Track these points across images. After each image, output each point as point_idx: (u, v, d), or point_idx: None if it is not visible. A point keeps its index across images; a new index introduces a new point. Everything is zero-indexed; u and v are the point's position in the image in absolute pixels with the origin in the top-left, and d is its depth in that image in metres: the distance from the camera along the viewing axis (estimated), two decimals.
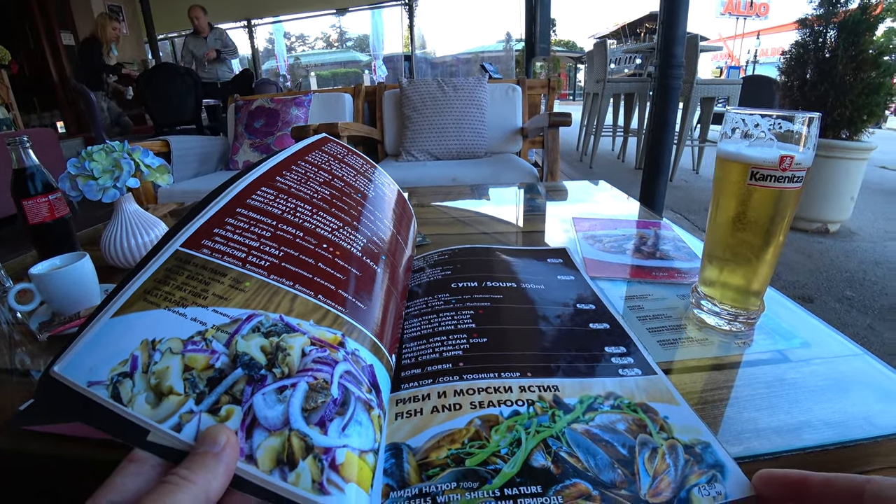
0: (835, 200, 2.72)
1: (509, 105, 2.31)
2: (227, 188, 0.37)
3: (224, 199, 0.35)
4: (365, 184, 0.47)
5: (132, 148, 0.78)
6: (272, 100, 2.35)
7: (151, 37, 6.75)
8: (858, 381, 0.40)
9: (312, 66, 15.78)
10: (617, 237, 0.68)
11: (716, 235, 0.45)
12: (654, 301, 0.51)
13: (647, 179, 2.32)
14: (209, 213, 0.34)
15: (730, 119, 0.42)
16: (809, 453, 0.33)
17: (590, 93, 4.91)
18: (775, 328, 0.47)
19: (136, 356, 0.25)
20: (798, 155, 0.39)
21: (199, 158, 2.33)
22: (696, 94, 3.84)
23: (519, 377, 0.35)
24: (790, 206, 0.41)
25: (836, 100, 2.63)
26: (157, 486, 0.20)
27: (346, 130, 1.79)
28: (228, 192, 0.36)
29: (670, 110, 2.25)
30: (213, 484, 0.21)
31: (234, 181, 0.37)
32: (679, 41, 2.19)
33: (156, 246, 0.31)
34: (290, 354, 0.27)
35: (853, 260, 2.40)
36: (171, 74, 3.84)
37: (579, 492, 0.26)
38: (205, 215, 0.33)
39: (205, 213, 0.34)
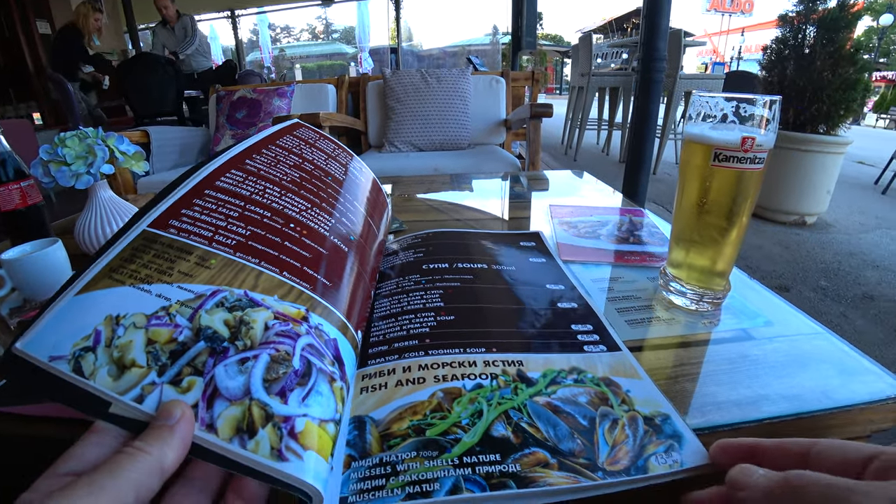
0: (812, 193, 2.78)
1: (493, 97, 2.31)
2: (196, 171, 0.37)
3: (193, 181, 0.36)
4: (336, 167, 0.47)
5: (106, 134, 0.77)
6: (254, 90, 2.32)
7: (131, 26, 6.63)
8: (818, 357, 0.41)
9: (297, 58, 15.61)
10: (592, 223, 0.69)
11: (682, 218, 0.46)
12: (624, 283, 0.52)
13: (629, 172, 2.35)
14: (178, 195, 0.34)
15: (696, 102, 0.43)
16: (766, 424, 0.34)
17: (575, 86, 4.94)
18: (741, 308, 0.48)
19: (99, 331, 0.25)
20: (759, 136, 0.40)
21: (179, 149, 2.29)
22: (679, 89, 3.88)
23: (484, 352, 0.35)
24: (753, 188, 0.42)
25: (814, 95, 2.68)
26: (113, 455, 0.21)
27: (328, 121, 1.78)
28: (197, 174, 0.37)
29: (653, 104, 2.28)
30: (168, 455, 0.21)
31: (204, 164, 0.38)
32: (662, 35, 2.21)
33: (124, 226, 0.31)
34: (253, 328, 0.27)
35: (829, 251, 2.46)
36: (151, 65, 3.77)
37: (537, 459, 0.27)
38: (173, 196, 0.34)
39: (173, 194, 0.34)
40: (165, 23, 4.64)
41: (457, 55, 13.83)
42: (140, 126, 3.56)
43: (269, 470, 0.22)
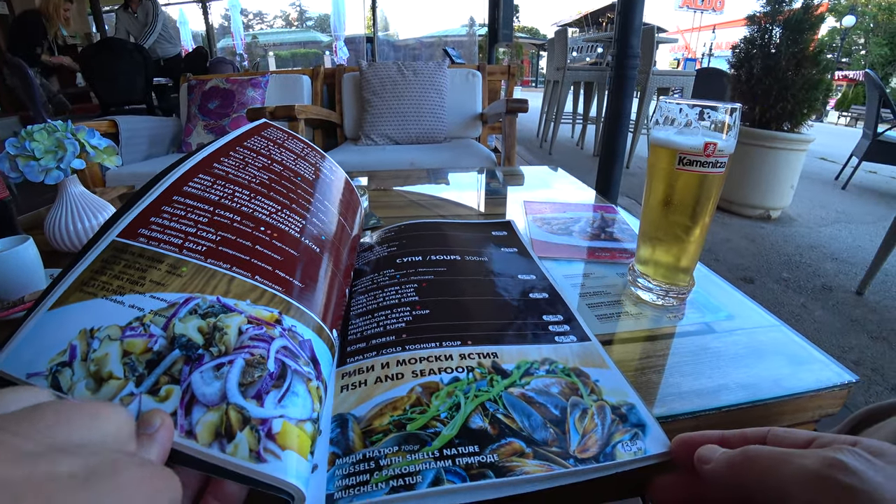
0: (776, 188, 2.88)
1: (469, 90, 2.32)
2: (164, 176, 0.37)
3: (160, 187, 0.36)
4: (305, 167, 0.48)
5: (77, 128, 0.75)
6: (227, 80, 2.27)
7: (96, 9, 6.37)
8: (773, 349, 0.44)
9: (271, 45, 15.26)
10: (565, 220, 0.71)
11: (649, 216, 0.48)
12: (594, 279, 0.55)
13: (603, 166, 2.39)
14: (145, 203, 0.34)
15: (662, 108, 0.45)
16: (724, 412, 0.37)
17: (550, 80, 4.97)
18: (704, 303, 0.51)
19: (74, 346, 0.25)
20: (721, 142, 0.42)
21: (149, 140, 2.23)
22: (652, 85, 3.95)
23: (459, 346, 0.36)
24: (714, 190, 0.44)
25: (779, 94, 2.77)
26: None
27: (303, 113, 1.76)
28: (165, 180, 0.36)
29: (626, 99, 2.32)
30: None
31: (171, 169, 0.38)
32: (636, 32, 2.25)
33: (93, 237, 0.31)
34: (227, 333, 0.28)
35: (791, 244, 2.56)
36: (118, 50, 3.63)
37: (513, 450, 0.28)
38: (141, 204, 0.34)
39: (141, 202, 0.34)
40: (127, 6, 4.43)
41: (433, 46, 13.75)
42: (106, 115, 3.44)
43: (250, 472, 0.23)
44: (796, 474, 0.21)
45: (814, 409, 0.40)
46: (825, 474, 0.20)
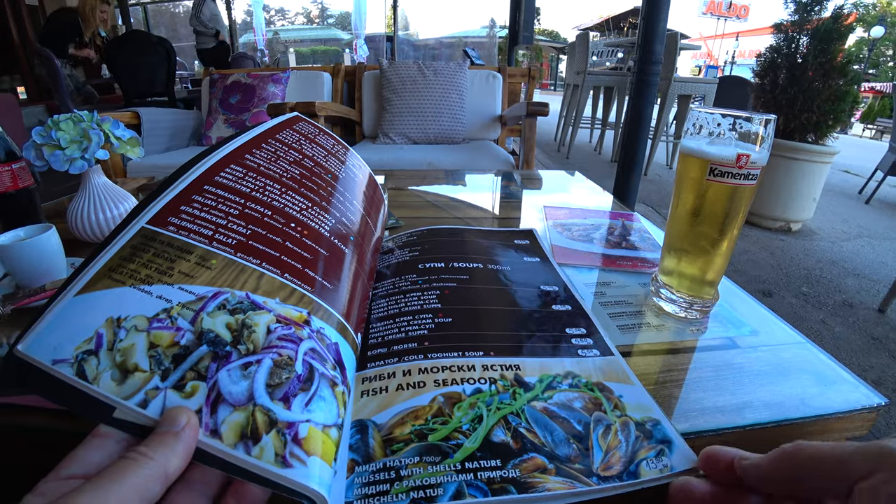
0: (798, 201, 2.83)
1: (489, 92, 2.32)
2: (195, 164, 0.36)
3: (191, 175, 0.35)
4: (335, 164, 0.47)
5: (102, 118, 0.76)
6: (249, 75, 2.29)
7: (122, 2, 6.48)
8: (798, 366, 0.43)
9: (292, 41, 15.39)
10: (586, 226, 0.70)
11: (675, 227, 0.47)
12: (616, 288, 0.54)
13: (621, 172, 2.37)
14: (176, 190, 0.33)
15: (693, 117, 0.44)
16: (748, 430, 0.36)
17: (570, 84, 4.95)
18: (728, 317, 0.50)
19: (100, 334, 0.25)
20: (754, 154, 0.41)
21: (170, 132, 2.26)
22: (673, 91, 3.91)
23: (482, 356, 0.36)
24: (745, 202, 0.43)
25: (804, 104, 2.72)
26: (118, 461, 0.21)
27: (323, 110, 1.77)
28: (196, 168, 0.36)
29: (646, 106, 2.29)
30: (173, 461, 0.21)
31: (202, 157, 0.37)
32: (659, 38, 2.22)
33: (122, 223, 0.31)
34: (256, 332, 0.27)
35: (812, 258, 2.51)
36: (142, 43, 3.69)
37: (536, 465, 0.28)
38: (171, 192, 0.33)
39: (172, 189, 0.33)
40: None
41: (453, 46, 13.75)
42: (130, 106, 3.50)
43: (275, 476, 0.22)
44: (856, 449, 0.22)
45: (840, 430, 0.39)
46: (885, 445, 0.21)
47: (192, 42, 5.35)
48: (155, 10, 11.72)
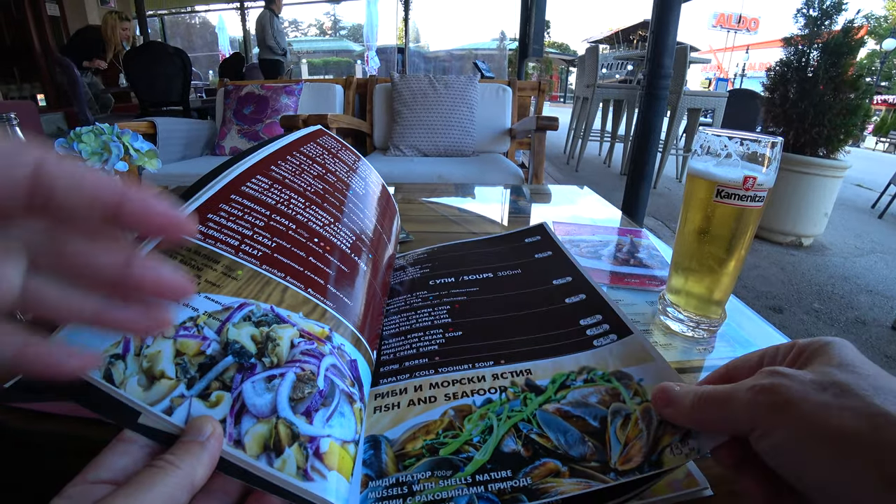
0: (809, 215, 2.81)
1: (499, 105, 2.34)
2: (221, 173, 0.36)
3: (218, 184, 0.35)
4: (356, 180, 0.48)
5: (122, 131, 0.78)
6: (262, 86, 2.33)
7: (140, 13, 6.63)
8: None
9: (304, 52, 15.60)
10: (594, 243, 0.71)
11: (683, 246, 0.48)
12: (624, 306, 0.54)
13: (630, 185, 2.37)
14: (203, 198, 0.33)
15: (700, 138, 0.45)
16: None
17: (580, 97, 4.97)
18: (735, 336, 0.50)
19: (128, 338, 0.25)
20: (761, 176, 0.41)
21: (184, 142, 2.30)
22: (682, 105, 3.91)
23: (493, 365, 0.36)
24: (752, 223, 0.44)
25: (815, 118, 2.71)
26: (146, 468, 0.21)
27: (335, 122, 1.79)
28: (223, 177, 0.36)
29: (656, 119, 2.30)
30: (198, 471, 0.22)
31: (227, 166, 0.37)
32: (668, 52, 2.23)
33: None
34: (280, 345, 0.28)
35: (823, 274, 2.49)
36: (159, 54, 3.77)
37: (548, 470, 0.27)
38: (199, 199, 0.33)
39: (199, 196, 0.33)
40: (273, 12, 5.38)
41: (463, 59, 13.86)
42: (145, 114, 3.57)
43: (296, 489, 0.23)
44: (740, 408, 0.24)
45: None
46: (754, 401, 0.24)
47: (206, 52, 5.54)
48: (172, 20, 11.96)
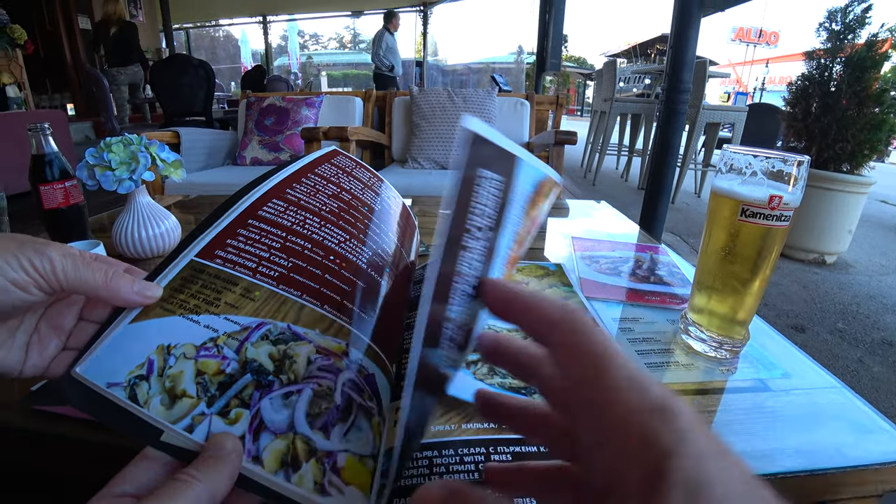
0: (832, 232, 2.75)
1: (517, 119, 2.34)
2: (240, 198, 0.38)
3: (237, 210, 0.36)
4: (372, 197, 0.49)
5: (149, 142, 0.80)
6: (284, 98, 2.37)
7: (167, 26, 6.82)
8: (834, 413, 0.42)
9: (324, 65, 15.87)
10: (614, 259, 0.71)
11: (706, 265, 0.47)
12: (644, 324, 0.54)
13: (648, 200, 2.35)
14: (222, 224, 0.35)
15: (725, 156, 0.45)
16: (780, 478, 0.35)
17: (597, 111, 4.96)
18: (759, 358, 0.49)
19: (151, 360, 0.26)
20: (786, 195, 0.41)
21: (207, 151, 2.35)
22: (701, 119, 3.88)
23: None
24: (777, 243, 0.43)
25: (838, 133, 2.66)
26: (169, 482, 0.22)
27: (355, 135, 1.82)
28: (241, 203, 0.37)
29: (675, 134, 2.28)
30: (220, 485, 0.22)
31: (247, 191, 0.39)
32: (687, 66, 2.22)
33: (171, 254, 0.32)
34: (297, 362, 0.28)
35: (847, 292, 2.43)
36: (184, 65, 3.87)
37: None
38: (218, 226, 0.35)
39: (218, 223, 0.35)
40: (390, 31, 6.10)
41: (481, 72, 13.96)
42: (170, 124, 3.65)
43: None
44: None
45: (877, 482, 0.38)
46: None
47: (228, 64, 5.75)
48: (196, 34, 12.28)
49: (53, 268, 0.26)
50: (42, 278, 0.26)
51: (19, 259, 0.25)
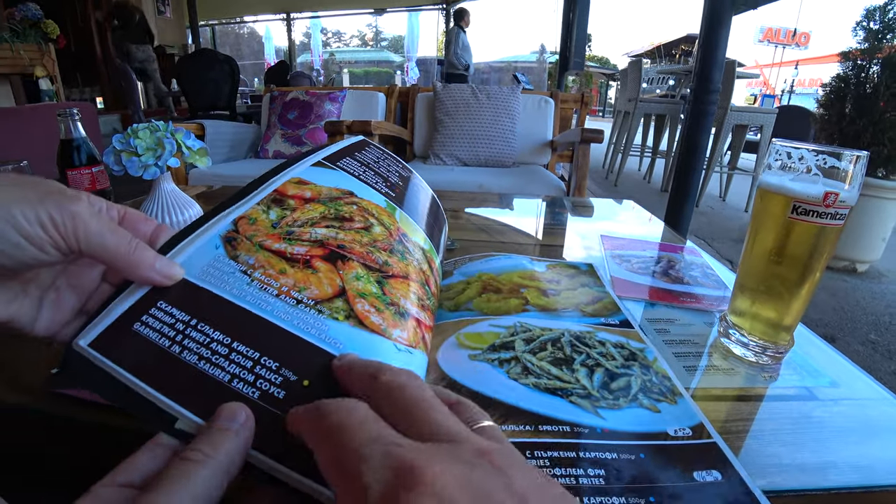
0: (865, 239, 2.66)
1: (541, 117, 2.31)
2: (262, 183, 0.36)
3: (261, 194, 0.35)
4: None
5: (175, 129, 0.80)
6: (307, 93, 2.38)
7: (193, 23, 6.93)
8: (888, 426, 0.39)
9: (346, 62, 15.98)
10: (645, 258, 0.68)
11: (751, 266, 0.45)
12: (681, 326, 0.51)
13: (672, 203, 2.30)
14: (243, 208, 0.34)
15: (774, 151, 0.42)
16: (834, 494, 0.32)
17: (621, 111, 4.89)
18: (803, 365, 0.46)
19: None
20: (843, 192, 0.38)
21: (230, 144, 2.37)
22: (729, 121, 3.79)
23: None
24: (830, 243, 0.41)
25: (874, 137, 2.57)
26: (176, 462, 0.19)
27: (378, 129, 1.81)
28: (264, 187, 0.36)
29: (702, 135, 2.23)
30: (234, 461, 0.20)
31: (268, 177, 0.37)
32: (718, 66, 2.17)
33: (189, 227, 0.30)
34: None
35: (881, 302, 2.34)
36: (209, 61, 3.93)
37: None
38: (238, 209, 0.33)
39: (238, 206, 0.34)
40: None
41: (503, 71, 13.90)
42: (195, 118, 3.71)
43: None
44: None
45: None
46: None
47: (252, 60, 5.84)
48: (222, 30, 12.46)
49: (76, 227, 0.23)
50: (62, 238, 0.23)
51: (38, 212, 0.22)
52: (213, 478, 0.19)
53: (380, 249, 0.34)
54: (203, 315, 0.26)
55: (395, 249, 0.35)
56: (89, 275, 0.28)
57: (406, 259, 0.36)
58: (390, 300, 0.31)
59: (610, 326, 0.44)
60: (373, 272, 0.32)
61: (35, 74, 4.22)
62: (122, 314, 0.25)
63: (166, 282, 0.26)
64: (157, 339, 0.24)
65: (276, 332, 0.26)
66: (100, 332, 0.24)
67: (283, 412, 0.22)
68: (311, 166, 0.39)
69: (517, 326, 0.41)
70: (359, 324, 0.28)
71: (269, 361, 0.25)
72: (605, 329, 0.43)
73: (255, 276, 0.28)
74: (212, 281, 0.27)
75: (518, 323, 0.41)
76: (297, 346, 0.26)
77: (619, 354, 0.39)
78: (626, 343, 0.41)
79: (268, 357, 0.25)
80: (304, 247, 0.32)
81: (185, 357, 0.24)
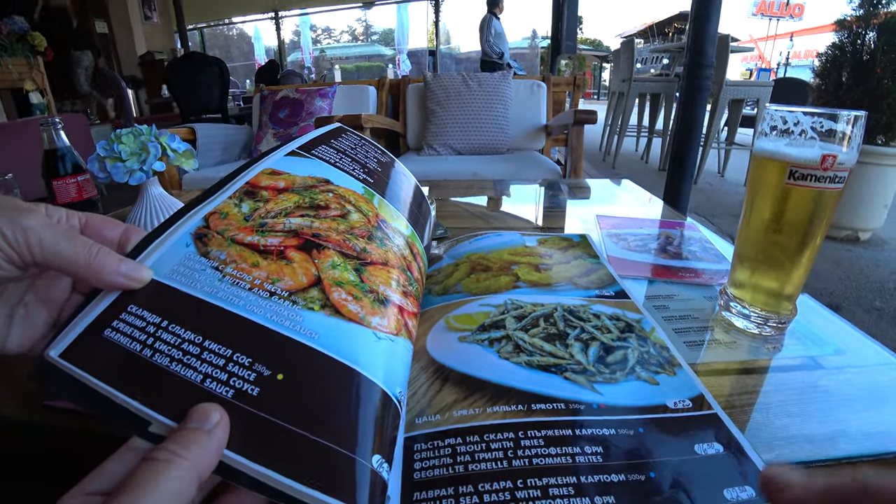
0: (867, 207, 2.64)
1: (533, 102, 2.29)
2: (237, 175, 0.36)
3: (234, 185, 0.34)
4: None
5: (159, 132, 0.79)
6: (297, 90, 2.36)
7: (181, 27, 6.88)
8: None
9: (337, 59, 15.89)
10: (642, 236, 0.67)
11: (749, 236, 0.44)
12: (680, 301, 0.50)
13: (671, 180, 2.27)
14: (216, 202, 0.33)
15: (768, 116, 0.41)
16: (845, 463, 0.32)
17: (615, 92, 4.84)
18: (807, 334, 0.45)
19: None
20: (841, 155, 0.37)
21: (222, 146, 2.35)
22: (724, 96, 3.75)
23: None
24: (829, 208, 0.39)
25: (871, 104, 2.54)
26: (143, 464, 0.19)
27: (369, 123, 1.79)
28: (238, 179, 0.35)
29: (698, 111, 2.20)
30: (205, 462, 0.19)
31: (242, 170, 0.37)
32: (710, 40, 2.13)
33: (157, 229, 0.29)
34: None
35: (884, 270, 2.33)
36: (198, 64, 3.89)
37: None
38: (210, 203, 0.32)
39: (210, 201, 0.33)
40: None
41: None
42: (186, 123, 3.69)
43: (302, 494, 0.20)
44: None
45: None
46: None
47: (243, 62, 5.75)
48: (210, 33, 12.39)
49: (28, 240, 0.23)
50: (15, 252, 0.23)
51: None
52: (181, 478, 0.18)
53: (357, 236, 0.33)
54: (174, 315, 0.25)
55: (373, 236, 0.34)
56: (58, 287, 0.27)
57: (385, 245, 0.35)
58: (369, 287, 0.30)
59: (605, 298, 0.42)
60: (350, 260, 0.31)
61: (25, 88, 4.20)
62: (92, 322, 0.24)
63: (134, 285, 0.25)
64: (128, 344, 0.23)
65: (248, 327, 0.25)
66: (70, 342, 0.23)
67: (259, 410, 0.21)
68: (284, 156, 0.38)
69: (508, 304, 0.40)
70: (335, 313, 0.27)
71: (241, 358, 0.24)
72: (600, 301, 0.41)
73: (226, 272, 0.27)
74: (182, 280, 0.27)
75: (509, 300, 0.40)
76: (271, 340, 0.25)
77: (614, 327, 0.37)
78: (623, 314, 0.39)
79: (240, 353, 0.24)
80: (278, 237, 0.31)
81: (157, 360, 0.23)
